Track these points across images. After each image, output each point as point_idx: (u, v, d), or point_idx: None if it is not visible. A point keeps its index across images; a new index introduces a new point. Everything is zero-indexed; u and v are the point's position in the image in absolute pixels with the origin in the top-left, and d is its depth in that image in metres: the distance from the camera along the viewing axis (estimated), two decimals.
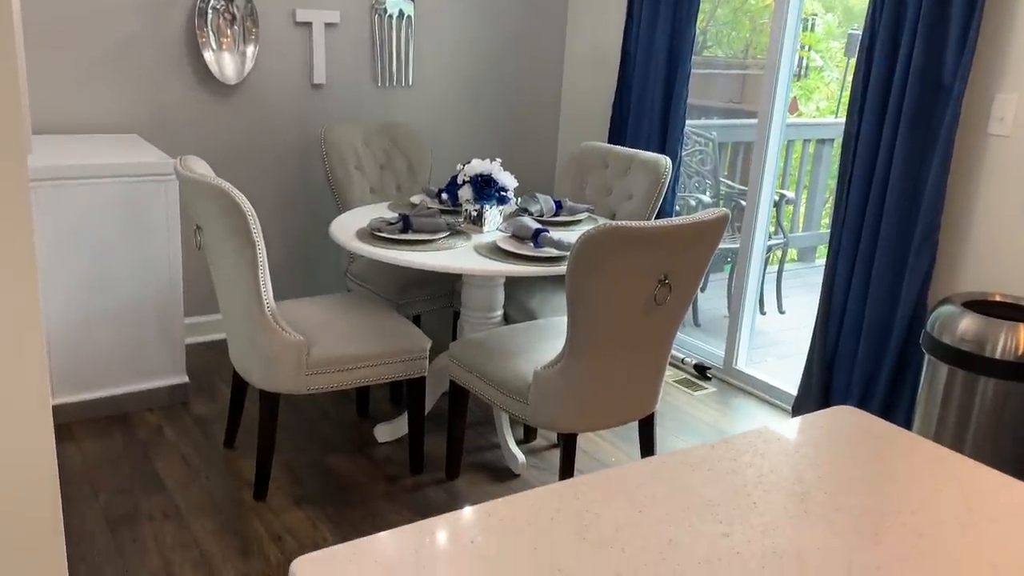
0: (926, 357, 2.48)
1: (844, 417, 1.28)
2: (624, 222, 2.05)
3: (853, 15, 6.21)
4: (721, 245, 4.29)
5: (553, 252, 2.53)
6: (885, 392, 2.86)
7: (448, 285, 3.19)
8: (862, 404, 2.94)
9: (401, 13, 3.75)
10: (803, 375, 3.14)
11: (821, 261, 5.75)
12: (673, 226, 2.09)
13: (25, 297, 1.60)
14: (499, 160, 2.81)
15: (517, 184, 2.82)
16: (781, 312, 4.53)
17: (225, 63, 3.38)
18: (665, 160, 3.10)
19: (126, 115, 3.29)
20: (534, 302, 2.99)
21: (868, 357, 2.91)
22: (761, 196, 3.44)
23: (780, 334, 4.38)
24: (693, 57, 3.50)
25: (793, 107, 6.66)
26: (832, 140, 5.47)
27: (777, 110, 3.33)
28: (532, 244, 2.59)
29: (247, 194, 3.42)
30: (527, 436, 3.01)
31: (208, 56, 3.33)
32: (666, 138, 3.61)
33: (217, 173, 3.22)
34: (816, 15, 6.16)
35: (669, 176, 3.09)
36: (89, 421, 2.93)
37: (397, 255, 2.48)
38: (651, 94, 3.64)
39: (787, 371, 3.62)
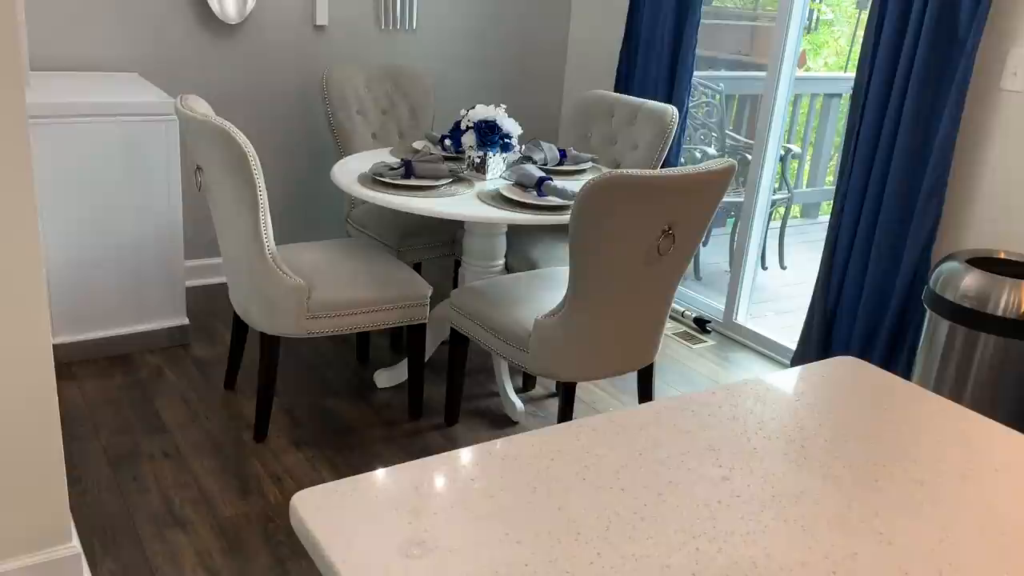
0: (927, 313, 2.48)
1: (846, 367, 1.28)
2: (629, 170, 2.02)
3: None
4: (725, 199, 4.27)
5: (557, 201, 2.51)
6: (884, 348, 2.86)
7: (450, 233, 3.18)
8: (861, 358, 2.94)
9: None
10: (803, 329, 3.14)
11: (824, 217, 5.72)
12: (679, 176, 2.07)
13: (25, 236, 1.59)
14: (504, 106, 2.77)
15: (521, 131, 2.79)
16: (783, 267, 4.52)
17: (227, 2, 3.32)
18: (672, 110, 3.06)
19: (126, 53, 3.24)
20: (536, 251, 2.98)
21: (869, 313, 2.90)
22: (767, 150, 3.40)
23: (781, 289, 4.38)
24: (703, 7, 3.44)
25: (802, 61, 6.56)
26: (840, 95, 5.40)
27: (786, 63, 3.28)
28: (536, 192, 2.57)
29: (247, 135, 3.38)
30: (526, 385, 3.02)
31: None
32: (673, 87, 3.56)
33: (218, 114, 3.18)
34: None
35: (675, 126, 3.06)
36: (90, 361, 2.94)
37: (398, 200, 2.46)
38: (659, 42, 3.58)
39: (787, 326, 3.62)
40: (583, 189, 2.05)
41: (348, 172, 2.70)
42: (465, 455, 0.97)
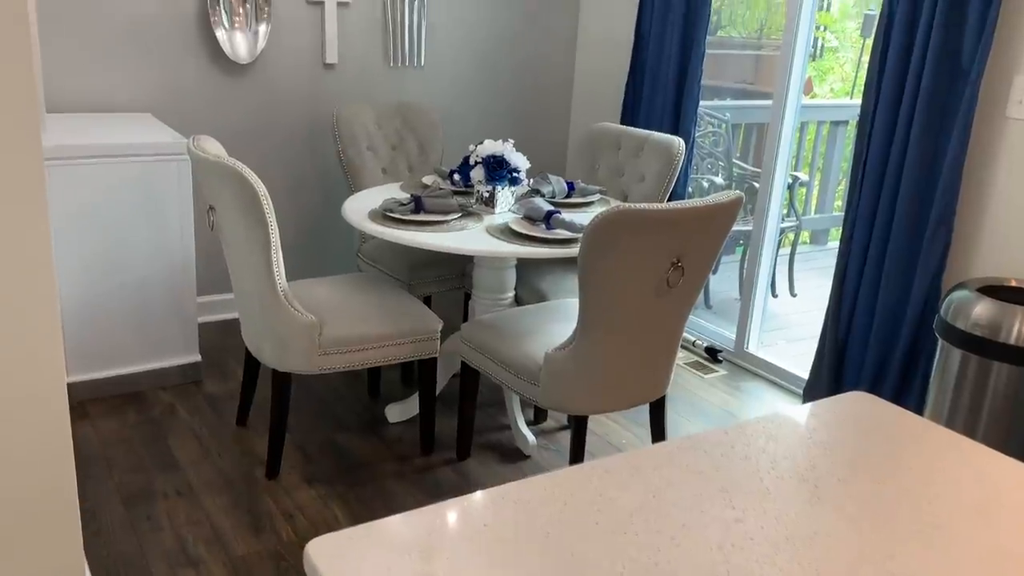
0: (939, 342, 2.47)
1: (857, 403, 1.28)
2: (637, 204, 2.04)
3: None
4: (734, 227, 4.28)
5: (565, 234, 2.52)
6: (897, 377, 2.85)
7: (459, 266, 3.19)
8: (873, 388, 2.93)
9: None
10: (815, 359, 3.13)
11: (834, 244, 5.72)
12: (686, 209, 2.08)
13: (40, 276, 1.61)
14: (511, 141, 2.79)
15: (529, 165, 2.81)
16: (793, 295, 4.51)
17: (238, 42, 3.37)
18: (678, 142, 3.08)
19: (139, 94, 3.29)
20: (545, 284, 2.99)
21: (880, 341, 2.90)
22: (775, 178, 3.42)
23: (791, 317, 4.37)
24: (707, 37, 3.47)
25: (808, 88, 6.59)
26: (846, 122, 5.43)
27: (792, 91, 3.31)
28: (544, 226, 2.58)
29: (259, 174, 3.41)
30: (538, 417, 3.02)
31: (221, 35, 3.32)
32: (679, 119, 3.59)
33: (229, 152, 3.21)
34: None
35: (682, 158, 3.07)
36: (103, 399, 2.95)
37: (409, 236, 2.48)
38: (665, 75, 3.61)
39: (798, 355, 3.61)
40: (591, 223, 2.06)
41: (359, 209, 2.72)
42: (478, 499, 0.97)
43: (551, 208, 2.61)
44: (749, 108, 5.25)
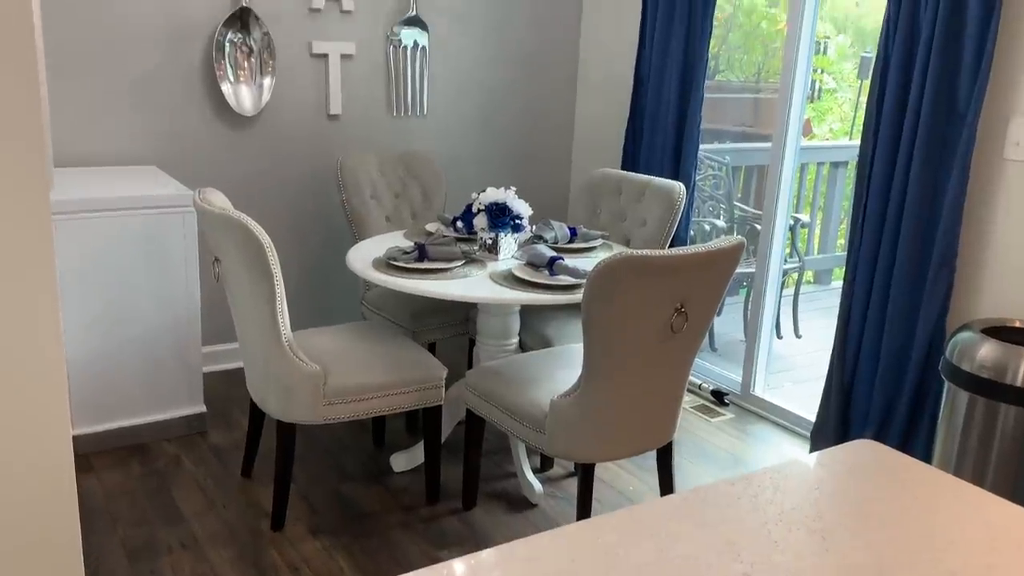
0: (946, 384, 2.46)
1: (863, 451, 1.28)
2: (639, 251, 2.05)
3: (866, 35, 6.22)
4: (737, 269, 4.30)
5: (568, 280, 2.53)
6: (904, 418, 2.83)
7: (463, 312, 3.20)
8: (881, 430, 2.92)
9: (415, 43, 3.80)
10: (821, 401, 3.12)
11: (837, 284, 5.72)
12: (688, 255, 2.09)
13: (47, 332, 1.62)
14: (513, 188, 2.82)
15: (532, 212, 2.83)
16: (798, 336, 4.51)
17: (243, 95, 3.42)
18: (679, 187, 3.11)
19: (145, 147, 3.33)
20: (549, 329, 2.99)
21: (887, 383, 2.88)
22: (776, 220, 3.44)
23: (797, 358, 4.36)
24: (706, 82, 3.52)
25: (807, 129, 6.65)
26: (846, 163, 5.47)
27: (791, 135, 3.34)
28: (547, 272, 2.60)
29: (264, 223, 3.44)
30: (544, 465, 3.00)
31: (226, 88, 3.38)
32: (679, 163, 3.62)
33: (235, 203, 3.25)
34: (828, 38, 6.18)
35: (683, 203, 3.10)
36: (108, 451, 2.94)
37: (413, 284, 2.49)
38: (664, 120, 3.65)
39: (805, 396, 3.59)
40: (593, 270, 2.07)
41: (362, 257, 2.74)
42: (486, 557, 0.96)
43: (554, 254, 2.63)
44: (749, 151, 5.30)
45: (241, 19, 3.36)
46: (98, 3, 3.13)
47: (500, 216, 2.75)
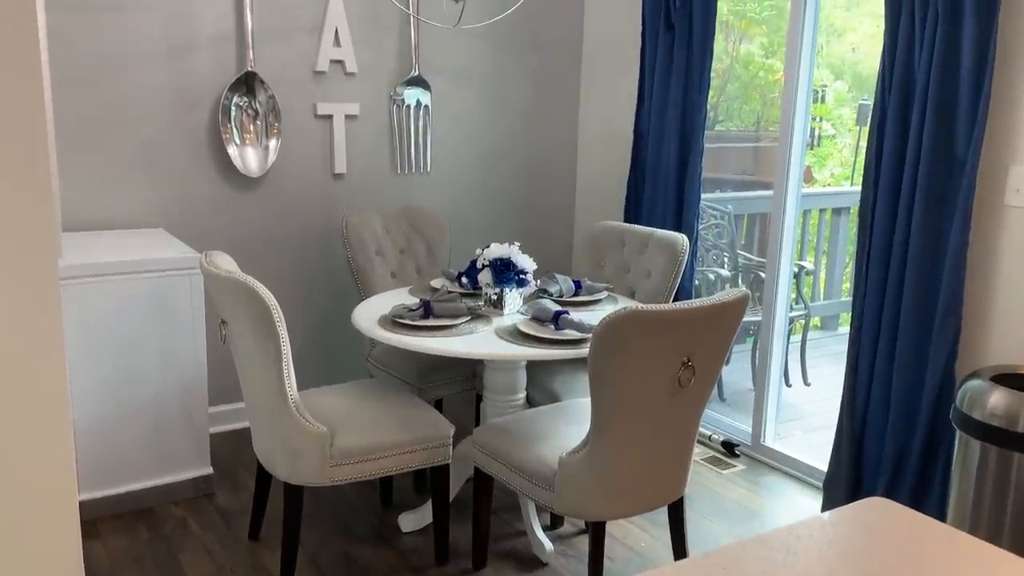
0: (957, 433, 2.44)
1: (876, 510, 1.26)
2: (643, 306, 2.05)
3: (863, 80, 6.30)
4: (743, 318, 4.30)
5: (574, 334, 2.53)
6: (917, 467, 2.80)
7: (470, 368, 3.19)
8: (894, 479, 2.88)
9: (418, 102, 3.85)
10: (832, 451, 3.09)
11: (844, 329, 5.71)
12: (693, 309, 2.10)
13: (54, 399, 1.62)
14: (517, 244, 2.84)
15: (536, 267, 2.84)
16: (806, 384, 4.48)
17: (248, 157, 3.47)
18: (682, 239, 3.12)
19: (153, 210, 3.37)
20: (556, 384, 2.98)
21: (898, 432, 2.86)
22: (780, 268, 3.44)
23: (806, 406, 4.32)
24: (705, 132, 3.56)
25: (808, 176, 6.70)
26: (848, 208, 5.49)
27: (792, 183, 3.36)
28: (553, 327, 2.60)
29: (270, 283, 3.47)
30: (554, 522, 2.96)
31: (232, 151, 3.43)
32: (682, 214, 3.64)
33: (241, 263, 3.27)
34: (826, 86, 6.26)
35: (687, 254, 3.11)
36: (114, 517, 2.92)
37: (418, 342, 2.50)
38: (665, 172, 3.68)
39: (815, 445, 3.56)
40: (599, 326, 2.07)
41: (368, 315, 2.75)
42: None
43: (559, 309, 2.63)
44: (751, 199, 5.33)
45: (247, 83, 3.43)
46: (107, 72, 3.20)
47: (505, 271, 2.76)
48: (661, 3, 3.61)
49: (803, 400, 4.42)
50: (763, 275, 4.62)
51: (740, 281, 4.76)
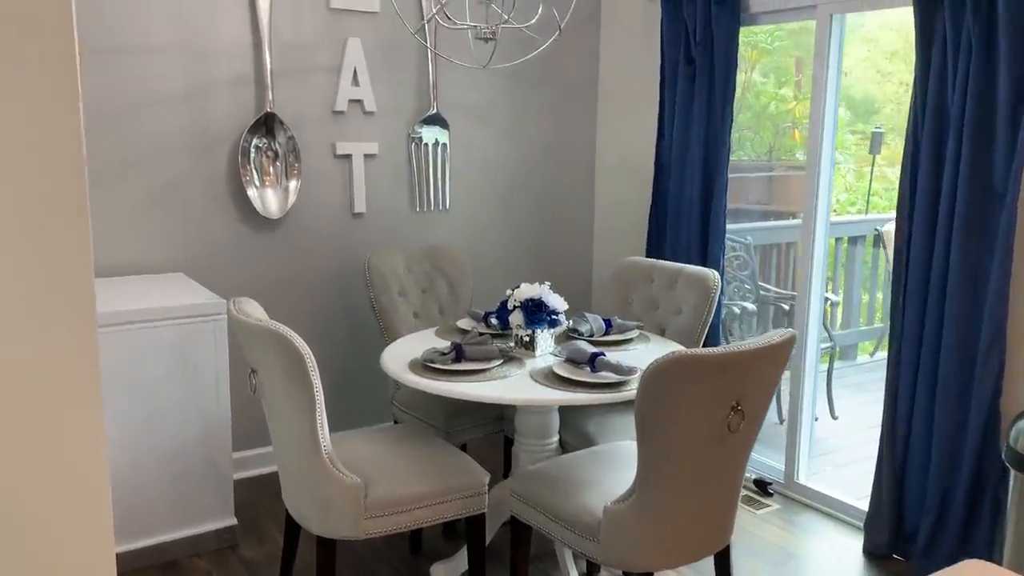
0: (1012, 473, 2.37)
1: (976, 572, 1.19)
2: (692, 350, 1.99)
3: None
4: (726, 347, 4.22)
5: (612, 377, 2.47)
6: (964, 506, 2.72)
7: (497, 410, 3.12)
8: (939, 519, 2.80)
9: (436, 140, 3.82)
10: (873, 490, 3.01)
11: (863, 358, 5.65)
12: (743, 352, 2.04)
13: (92, 451, 1.56)
14: (548, 283, 2.78)
15: (567, 306, 2.78)
16: (834, 418, 4.40)
17: (268, 199, 3.42)
18: (713, 274, 3.07)
19: (173, 254, 3.32)
20: (591, 426, 2.91)
21: (942, 470, 2.78)
22: (811, 301, 3.38)
23: (834, 440, 4.24)
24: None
25: None
26: (864, 237, 5.45)
27: (820, 213, 3.31)
28: (589, 369, 2.53)
29: (291, 325, 3.39)
30: (591, 570, 2.87)
31: (252, 193, 3.38)
32: (707, 248, 3.59)
33: (262, 305, 3.21)
34: None
35: (719, 290, 3.05)
36: (137, 571, 2.83)
37: (451, 387, 2.43)
38: (688, 204, 3.64)
39: (848, 481, 3.49)
40: (647, 372, 2.01)
41: (396, 358, 2.68)
42: None
43: (595, 350, 2.57)
44: (767, 229, 5.29)
45: (266, 124, 3.39)
46: (124, 115, 3.16)
47: (537, 312, 2.70)
48: (680, 37, 3.59)
49: (830, 434, 4.35)
50: (785, 307, 4.58)
51: (760, 313, 4.71)
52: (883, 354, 5.62)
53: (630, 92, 4.08)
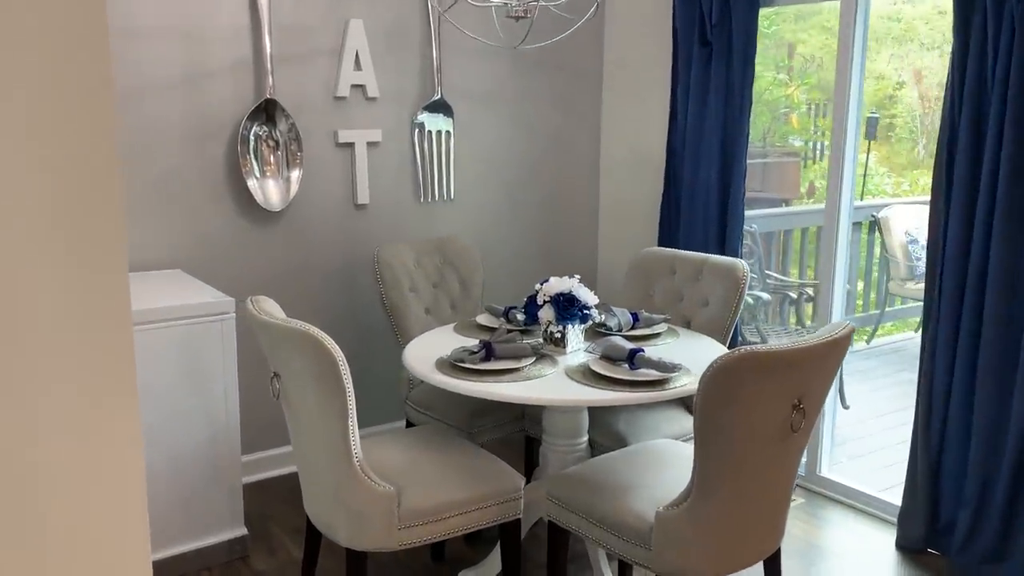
0: None
1: None
2: (760, 346, 1.88)
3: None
4: (788, 341, 4.12)
5: (654, 374, 2.35)
6: (1004, 500, 2.65)
7: (518, 408, 3.00)
8: (978, 514, 2.74)
9: (440, 128, 3.67)
10: (906, 483, 2.94)
11: (860, 344, 5.61)
12: (811, 347, 1.93)
13: (129, 463, 1.40)
14: (577, 276, 2.66)
15: (598, 300, 2.66)
16: (845, 407, 4.34)
17: (269, 190, 3.25)
18: (741, 264, 2.97)
19: (168, 250, 3.13)
20: (621, 424, 2.79)
21: (980, 462, 2.72)
22: (835, 288, 3.29)
23: (847, 430, 4.18)
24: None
25: (811, 192, 6.64)
26: (859, 223, 5.40)
27: (844, 201, 3.23)
28: (627, 365, 2.41)
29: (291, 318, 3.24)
30: (623, 570, 2.76)
31: (252, 184, 3.20)
32: (725, 238, 3.49)
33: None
34: (829, 101, 6.19)
35: (747, 280, 2.95)
36: None
37: (488, 388, 2.30)
38: (704, 192, 3.53)
39: (866, 472, 3.45)
40: (710, 371, 1.90)
41: (420, 359, 2.54)
42: None
43: (634, 347, 2.45)
44: (770, 217, 5.23)
45: (267, 111, 3.21)
46: (119, 105, 2.96)
47: (569, 307, 2.57)
48: (695, 19, 3.47)
49: (841, 423, 4.28)
50: (793, 295, 4.51)
51: (773, 302, 4.63)
52: (880, 340, 5.59)
53: (638, 77, 3.96)
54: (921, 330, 2.89)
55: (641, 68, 3.93)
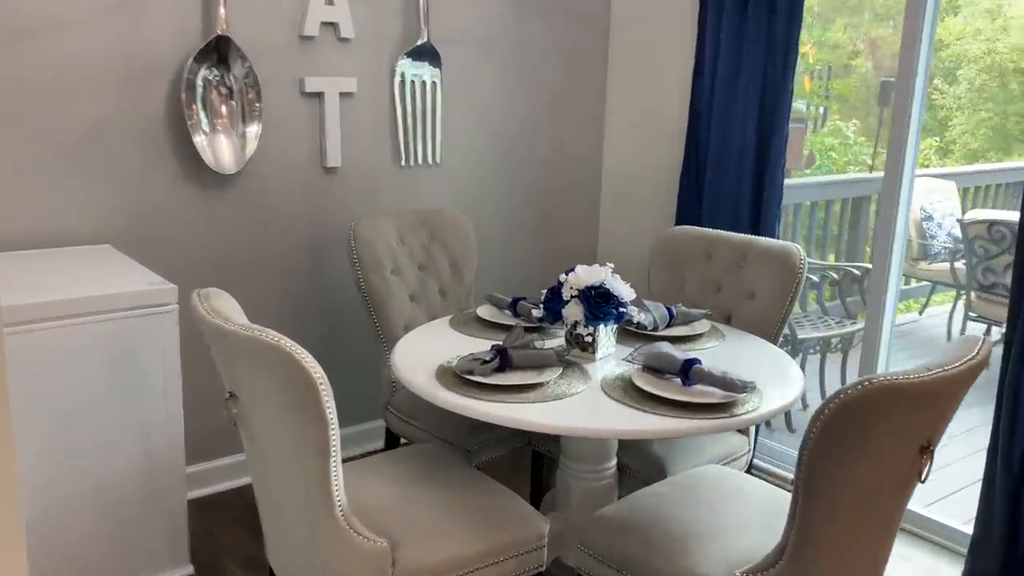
0: None
1: None
2: (889, 377, 1.40)
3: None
4: (838, 330, 3.64)
5: (717, 395, 1.86)
6: None
7: None
8: None
9: (425, 78, 3.10)
10: (980, 510, 2.52)
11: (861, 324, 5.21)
12: (953, 374, 1.46)
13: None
14: (611, 265, 2.14)
15: (635, 294, 2.16)
16: None
17: (221, 148, 2.66)
18: (796, 249, 2.49)
19: (96, 222, 2.54)
20: (658, 446, 2.30)
21: None
22: (892, 269, 2.83)
23: None
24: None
25: (810, 161, 6.21)
26: (869, 197, 4.97)
27: (906, 174, 2.76)
28: (680, 381, 1.92)
29: (250, 309, 2.66)
30: None
31: (199, 141, 2.61)
32: (760, 212, 3.01)
33: (215, 282, 2.49)
34: (844, 65, 5.74)
35: (805, 269, 2.47)
36: None
37: (510, 413, 1.80)
38: (736, 163, 3.03)
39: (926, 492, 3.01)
40: (834, 409, 1.41)
41: (414, 367, 2.03)
42: None
43: (687, 357, 1.95)
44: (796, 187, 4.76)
45: (218, 52, 2.61)
46: (26, 41, 2.34)
47: (603, 304, 2.06)
48: None
49: None
50: (814, 278, 4.07)
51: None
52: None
53: (652, 24, 3.42)
54: (1005, 335, 2.46)
55: (658, 12, 3.39)
